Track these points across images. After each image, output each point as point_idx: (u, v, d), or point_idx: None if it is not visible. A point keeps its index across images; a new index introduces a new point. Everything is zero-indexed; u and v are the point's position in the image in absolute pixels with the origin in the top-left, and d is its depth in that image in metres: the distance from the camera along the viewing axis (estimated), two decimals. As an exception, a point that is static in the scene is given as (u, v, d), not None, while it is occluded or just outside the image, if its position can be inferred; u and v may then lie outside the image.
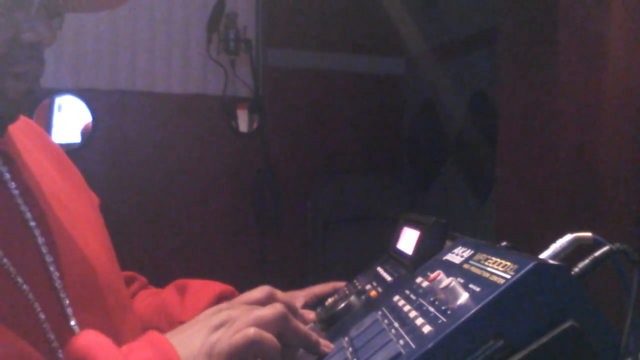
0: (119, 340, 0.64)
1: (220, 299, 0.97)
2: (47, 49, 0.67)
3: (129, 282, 1.00)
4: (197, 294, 0.96)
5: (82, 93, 2.64)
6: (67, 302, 0.68)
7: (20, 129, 0.79)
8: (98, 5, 0.81)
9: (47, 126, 2.61)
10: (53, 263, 0.68)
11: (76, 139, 2.70)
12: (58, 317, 0.67)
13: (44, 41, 0.65)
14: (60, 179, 0.82)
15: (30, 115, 2.51)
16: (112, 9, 0.81)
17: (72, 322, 0.68)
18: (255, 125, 2.93)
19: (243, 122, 2.94)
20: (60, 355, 0.64)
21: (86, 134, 2.67)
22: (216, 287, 0.98)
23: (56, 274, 0.68)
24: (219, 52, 2.78)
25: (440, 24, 3.00)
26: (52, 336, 0.65)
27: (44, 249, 0.69)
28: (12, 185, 0.70)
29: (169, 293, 0.99)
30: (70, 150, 2.59)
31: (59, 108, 2.66)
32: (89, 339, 0.56)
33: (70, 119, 2.67)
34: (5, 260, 0.64)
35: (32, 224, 0.69)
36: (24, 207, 0.70)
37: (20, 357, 0.59)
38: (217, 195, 2.88)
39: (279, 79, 3.00)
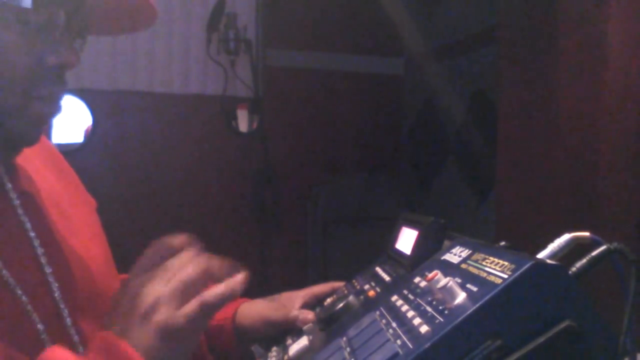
0: None
1: None
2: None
3: None
4: None
5: (82, 93, 2.64)
6: (66, 312, 0.68)
7: None
8: (120, 29, 0.80)
9: (47, 126, 2.61)
10: (52, 274, 0.68)
11: (76, 139, 2.70)
12: (57, 328, 0.67)
13: (68, 64, 0.65)
14: (59, 183, 0.82)
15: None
16: (134, 32, 0.80)
17: (72, 332, 0.68)
18: (255, 125, 2.93)
19: (243, 122, 2.94)
20: None
21: (89, 134, 2.67)
22: None
23: (55, 285, 0.68)
24: (219, 52, 2.78)
25: (440, 23, 3.00)
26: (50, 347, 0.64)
27: (43, 260, 0.69)
28: (14, 195, 0.70)
29: None
30: (70, 150, 2.60)
31: (59, 108, 2.66)
32: (54, 356, 0.57)
33: (71, 119, 2.67)
34: (4, 272, 0.64)
35: (32, 234, 0.69)
36: (23, 217, 0.70)
37: None
38: (217, 196, 2.88)
39: (279, 79, 3.00)
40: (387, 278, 0.84)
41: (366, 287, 0.86)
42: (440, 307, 0.56)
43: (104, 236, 0.86)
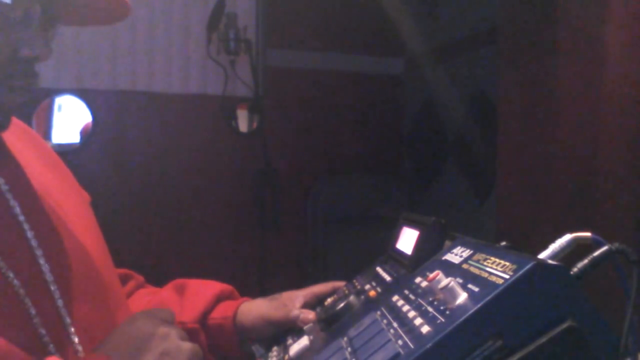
0: None
1: (220, 298, 0.97)
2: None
3: (125, 280, 1.00)
4: (196, 294, 0.96)
5: (82, 93, 2.64)
6: (58, 294, 0.68)
7: (9, 129, 0.80)
8: (93, 21, 0.81)
9: (47, 126, 2.61)
10: (43, 256, 0.69)
11: (76, 139, 2.70)
12: (49, 312, 0.67)
13: (41, 57, 0.66)
14: (51, 176, 0.82)
15: (30, 115, 2.51)
16: (107, 24, 0.81)
17: (63, 313, 0.68)
18: (255, 125, 2.93)
19: (243, 122, 2.94)
20: (52, 350, 0.65)
21: (85, 134, 2.67)
22: (215, 286, 0.98)
23: (46, 267, 0.68)
24: (219, 52, 2.78)
25: (440, 23, 3.00)
26: (43, 331, 0.65)
27: (34, 243, 0.69)
28: (1, 180, 0.71)
29: (167, 292, 0.99)
30: (69, 150, 2.60)
31: (59, 108, 2.66)
32: None
33: (70, 119, 2.67)
34: None
35: (22, 218, 0.69)
36: (13, 202, 0.70)
37: (5, 354, 0.59)
38: (217, 196, 2.88)
39: (279, 79, 3.00)
40: (388, 278, 0.84)
41: (367, 287, 0.86)
42: (442, 308, 0.55)
43: (99, 229, 0.86)
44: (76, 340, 0.68)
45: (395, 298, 0.68)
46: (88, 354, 0.66)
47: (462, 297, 0.54)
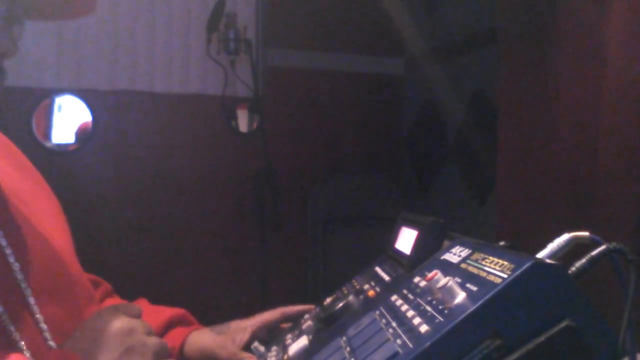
0: None
1: (170, 325, 0.97)
2: (48, 49, 0.68)
3: (94, 286, 0.99)
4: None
5: (82, 93, 2.64)
6: (29, 292, 0.68)
7: None
8: (59, 15, 0.80)
9: (47, 126, 2.61)
10: (12, 255, 0.68)
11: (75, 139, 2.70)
12: (19, 309, 0.66)
13: (7, 53, 0.65)
14: (19, 177, 0.82)
15: (30, 115, 2.51)
16: (73, 19, 0.80)
17: (36, 313, 0.68)
18: (255, 125, 2.93)
19: (243, 122, 2.94)
20: (22, 346, 0.65)
21: (80, 134, 2.67)
22: (165, 312, 0.99)
23: (17, 265, 0.68)
24: (219, 52, 2.78)
25: (440, 24, 3.00)
26: (12, 328, 0.64)
27: (3, 242, 0.68)
28: None
29: None
30: (69, 150, 2.60)
31: (59, 108, 2.66)
32: None
33: (70, 119, 2.67)
34: None
35: None
36: None
37: None
38: (217, 196, 2.88)
39: (279, 79, 3.00)
40: (386, 278, 0.84)
41: (366, 286, 0.86)
42: (440, 307, 0.55)
43: (69, 231, 0.86)
44: (48, 336, 0.68)
45: (394, 298, 0.68)
46: (51, 350, 0.66)
47: (461, 296, 0.54)
